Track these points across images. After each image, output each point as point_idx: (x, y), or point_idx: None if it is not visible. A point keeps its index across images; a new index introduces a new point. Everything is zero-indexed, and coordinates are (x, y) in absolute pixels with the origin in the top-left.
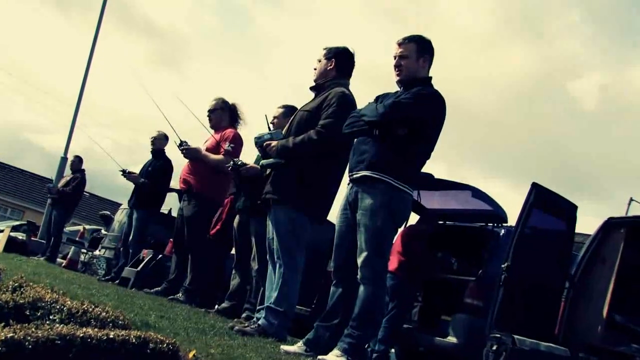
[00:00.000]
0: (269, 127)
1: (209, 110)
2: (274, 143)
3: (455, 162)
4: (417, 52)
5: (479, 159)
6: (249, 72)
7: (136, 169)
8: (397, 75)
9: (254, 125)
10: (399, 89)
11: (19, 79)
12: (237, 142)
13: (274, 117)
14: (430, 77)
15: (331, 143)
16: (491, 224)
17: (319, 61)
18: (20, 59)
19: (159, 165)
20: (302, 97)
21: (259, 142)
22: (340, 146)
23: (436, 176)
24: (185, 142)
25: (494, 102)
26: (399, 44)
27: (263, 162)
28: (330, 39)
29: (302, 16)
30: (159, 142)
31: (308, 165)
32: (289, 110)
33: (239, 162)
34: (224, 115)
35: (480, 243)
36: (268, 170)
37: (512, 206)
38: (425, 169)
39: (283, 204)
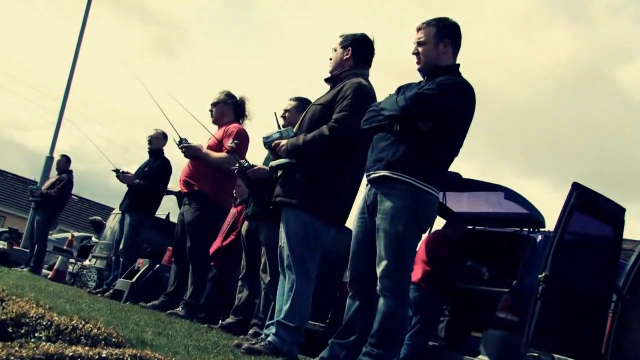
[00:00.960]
0: (278, 126)
1: (211, 104)
2: (283, 142)
3: (488, 159)
4: (435, 36)
5: (515, 156)
6: (256, 62)
7: (131, 171)
8: (417, 63)
9: (262, 122)
10: (422, 80)
11: None
12: (242, 138)
13: (285, 111)
14: (457, 65)
15: (346, 139)
16: (526, 229)
17: (335, 50)
18: None
19: (156, 165)
20: (316, 90)
21: (268, 142)
22: (356, 143)
23: (464, 175)
24: (185, 139)
25: (532, 91)
26: (418, 30)
27: (272, 163)
28: (347, 24)
29: None
30: (157, 141)
31: (321, 165)
32: (302, 103)
33: (245, 164)
34: (227, 109)
35: (515, 250)
36: (279, 172)
37: (551, 208)
38: (453, 167)
39: (294, 207)
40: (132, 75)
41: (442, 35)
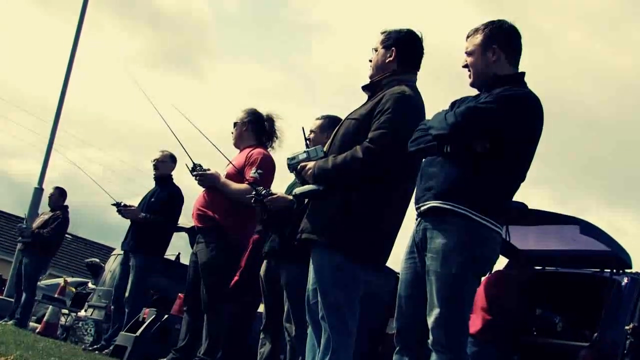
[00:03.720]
0: (306, 144)
1: (233, 124)
2: (310, 164)
3: (562, 185)
4: (482, 44)
5: (597, 182)
6: (286, 73)
7: (135, 202)
8: (469, 77)
9: (292, 144)
10: (480, 93)
11: None
12: (267, 166)
13: (311, 132)
14: (520, 74)
15: (383, 164)
16: (609, 270)
17: (375, 50)
18: None
19: (164, 195)
20: (353, 102)
21: (293, 164)
22: (399, 167)
23: (532, 206)
24: (200, 165)
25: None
26: (467, 38)
27: (297, 190)
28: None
29: None
30: (164, 165)
31: (358, 193)
32: (330, 122)
33: (263, 191)
34: (246, 130)
35: (594, 296)
36: (306, 201)
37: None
38: (517, 196)
39: (325, 246)
40: (137, 87)
41: (490, 42)
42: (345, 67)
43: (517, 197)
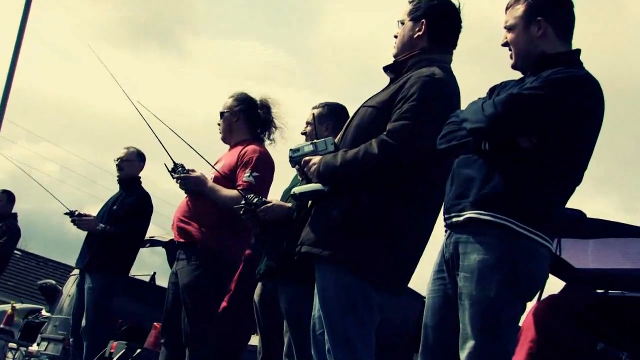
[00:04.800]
0: (315, 133)
1: (220, 113)
2: (315, 159)
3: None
4: (524, 16)
5: None
6: (286, 51)
7: (95, 210)
8: (510, 58)
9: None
10: (524, 76)
11: None
12: (264, 167)
13: (307, 124)
14: (574, 52)
15: (404, 160)
16: None
17: (402, 23)
18: None
19: (129, 202)
20: (371, 87)
21: (296, 157)
22: (424, 167)
23: (590, 214)
24: (182, 165)
25: None
26: (506, 9)
27: (296, 189)
28: None
29: None
30: (130, 165)
31: (372, 197)
32: (331, 111)
33: (254, 200)
34: (237, 120)
35: None
36: (309, 205)
37: None
38: (572, 202)
39: (330, 262)
40: (103, 68)
41: (533, 13)
42: (362, 42)
43: (572, 203)
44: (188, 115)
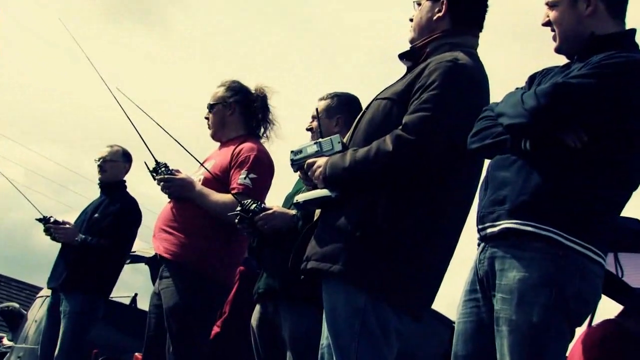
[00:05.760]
0: (320, 132)
1: (209, 105)
2: (320, 161)
3: None
4: None
5: None
6: (286, 32)
7: (72, 217)
8: (553, 40)
9: (300, 135)
10: (571, 61)
11: None
12: (263, 168)
13: (313, 118)
14: (629, 32)
15: (424, 159)
16: None
17: (418, 4)
18: None
19: (113, 209)
20: (386, 77)
21: (298, 160)
22: (449, 169)
23: None
24: (165, 165)
25: None
26: None
27: (300, 197)
28: None
29: None
30: (114, 167)
31: (388, 204)
32: (341, 102)
33: (252, 206)
34: (231, 113)
35: None
36: (315, 215)
37: None
38: (629, 210)
39: (341, 280)
40: (75, 49)
41: None
42: (373, 25)
43: (629, 211)
44: (173, 106)
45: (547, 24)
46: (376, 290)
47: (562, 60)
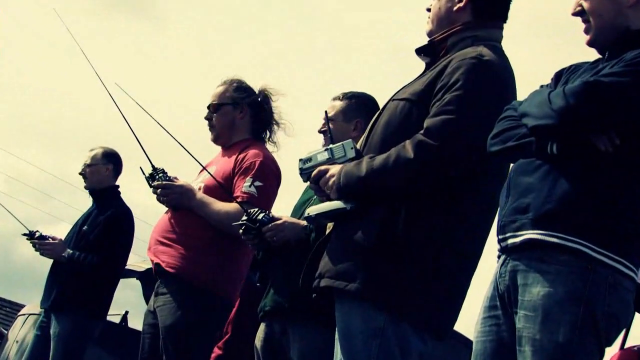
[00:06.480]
0: (330, 138)
1: (214, 106)
2: (333, 170)
3: None
4: None
5: None
6: (291, 29)
7: (57, 228)
8: (585, 33)
9: (309, 138)
10: (601, 57)
11: None
12: (269, 175)
13: (327, 120)
14: None
15: (449, 167)
16: None
17: None
18: None
19: (103, 220)
20: (403, 76)
21: (307, 169)
22: (474, 175)
23: None
24: (163, 170)
25: None
26: None
27: (311, 210)
28: None
29: None
30: (96, 172)
31: (408, 216)
32: (359, 104)
33: (260, 216)
34: (239, 115)
35: None
36: (327, 228)
37: None
38: None
39: (357, 299)
40: (69, 43)
41: None
42: (373, 25)
43: None
44: (170, 106)
45: (578, 13)
46: (396, 309)
47: (591, 55)
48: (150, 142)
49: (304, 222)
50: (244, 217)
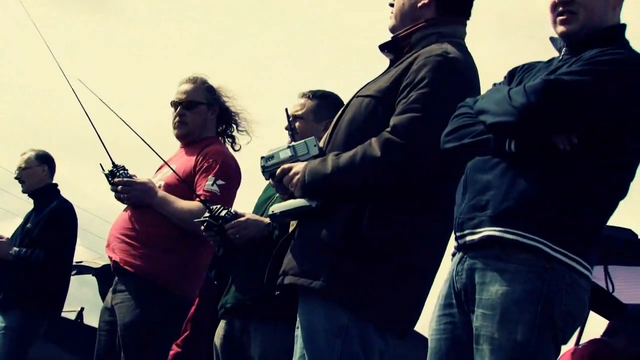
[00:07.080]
0: (292, 135)
1: (187, 103)
2: (297, 167)
3: None
4: None
5: None
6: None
7: (12, 224)
8: (563, 24)
9: (271, 134)
10: (559, 54)
11: None
12: (231, 173)
13: (291, 117)
14: (622, 26)
15: (415, 165)
16: None
17: None
18: None
19: (45, 215)
20: (368, 72)
21: (270, 167)
22: (442, 174)
23: None
24: (124, 168)
25: None
26: None
27: (275, 208)
28: None
29: None
30: (31, 174)
31: (373, 214)
32: (325, 103)
33: (223, 212)
34: (214, 113)
35: None
36: (291, 226)
37: None
38: (618, 219)
39: (321, 296)
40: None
41: None
42: (373, 25)
43: (618, 220)
44: (133, 104)
45: (566, 2)
46: (360, 308)
47: (547, 56)
48: (113, 140)
49: (267, 220)
50: (206, 214)
